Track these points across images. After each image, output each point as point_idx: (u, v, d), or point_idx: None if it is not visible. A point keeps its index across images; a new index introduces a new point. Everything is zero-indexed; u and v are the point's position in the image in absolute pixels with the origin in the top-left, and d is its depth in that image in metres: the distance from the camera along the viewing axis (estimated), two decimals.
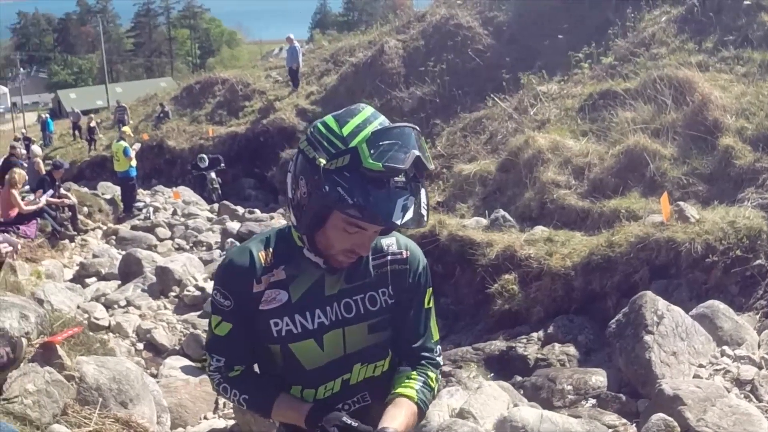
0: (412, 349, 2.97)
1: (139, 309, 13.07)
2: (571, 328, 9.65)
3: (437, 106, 23.58)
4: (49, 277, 14.03)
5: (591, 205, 12.21)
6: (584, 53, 18.92)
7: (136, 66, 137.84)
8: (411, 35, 28.95)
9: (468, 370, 9.18)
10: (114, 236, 19.45)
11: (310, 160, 2.51)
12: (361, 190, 2.37)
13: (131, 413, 6.13)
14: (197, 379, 9.96)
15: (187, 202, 24.74)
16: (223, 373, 2.94)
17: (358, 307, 2.83)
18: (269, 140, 28.41)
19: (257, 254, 2.82)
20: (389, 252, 2.90)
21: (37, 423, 5.20)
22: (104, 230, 20.47)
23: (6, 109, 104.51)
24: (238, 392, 2.91)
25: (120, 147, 22.63)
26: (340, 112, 2.56)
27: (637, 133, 13.18)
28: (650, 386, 7.32)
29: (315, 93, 30.35)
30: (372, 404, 2.95)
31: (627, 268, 9.72)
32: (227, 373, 2.94)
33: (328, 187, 2.40)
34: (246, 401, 2.91)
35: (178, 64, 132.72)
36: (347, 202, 2.38)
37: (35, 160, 21.25)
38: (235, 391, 2.91)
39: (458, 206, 14.89)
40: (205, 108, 35.01)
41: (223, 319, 2.87)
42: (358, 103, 2.64)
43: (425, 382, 2.91)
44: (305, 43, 47.59)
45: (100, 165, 33.59)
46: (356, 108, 2.56)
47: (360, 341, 2.87)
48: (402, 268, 2.91)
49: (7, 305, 6.46)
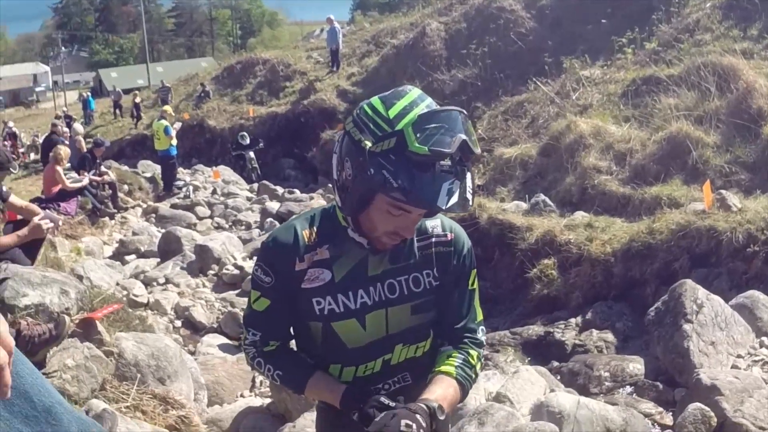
0: (455, 330, 2.96)
1: (178, 287, 13.17)
2: (610, 315, 9.62)
3: (479, 89, 23.49)
4: (88, 254, 14.16)
5: (632, 192, 12.14)
6: (627, 38, 18.76)
7: (177, 46, 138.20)
8: (453, 17, 28.83)
9: (505, 355, 9.19)
10: (154, 214, 19.61)
11: (355, 142, 2.51)
12: (407, 173, 2.36)
13: (169, 390, 6.16)
14: (234, 357, 10.04)
15: (226, 181, 24.83)
16: (258, 348, 2.96)
17: (401, 288, 2.83)
18: (309, 121, 28.40)
19: (301, 232, 2.83)
20: (434, 234, 2.89)
21: (75, 398, 5.24)
22: (144, 208, 20.64)
23: (47, 87, 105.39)
24: (273, 367, 2.92)
25: (161, 126, 22.75)
26: (386, 94, 2.55)
27: (679, 119, 13.09)
28: (688, 375, 7.29)
29: (356, 74, 30.30)
30: (412, 385, 2.94)
31: (667, 256, 9.66)
32: (262, 347, 2.96)
33: (373, 170, 2.40)
34: (280, 377, 2.93)
35: (219, 44, 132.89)
36: (392, 186, 2.37)
37: (77, 138, 21.46)
38: (269, 366, 2.93)
39: (498, 190, 14.86)
40: (245, 88, 35.03)
41: (262, 294, 2.88)
42: (405, 85, 2.63)
43: (465, 359, 2.89)
44: (346, 24, 47.48)
45: (140, 143, 33.75)
46: (403, 90, 2.54)
47: (402, 322, 2.87)
48: (447, 250, 2.90)
49: (48, 281, 6.53)
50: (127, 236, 16.92)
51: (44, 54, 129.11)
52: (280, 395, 8.02)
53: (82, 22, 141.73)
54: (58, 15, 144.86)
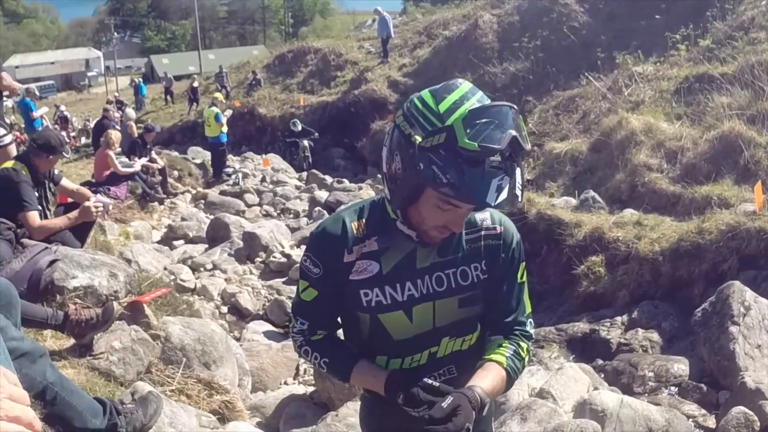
0: (505, 324, 2.94)
1: (225, 273, 13.27)
2: (656, 315, 9.56)
3: (530, 82, 23.41)
4: (137, 238, 14.34)
5: (682, 190, 12.04)
6: (681, 35, 18.58)
7: (229, 33, 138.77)
8: (506, 10, 28.76)
9: (550, 351, 9.16)
10: (203, 200, 19.77)
11: (405, 136, 2.49)
12: (456, 169, 2.34)
13: (214, 374, 6.21)
14: (279, 344, 10.10)
15: (276, 169, 24.95)
16: (306, 336, 2.98)
17: (449, 281, 2.81)
18: (360, 111, 28.43)
19: (350, 224, 2.83)
20: (483, 227, 2.88)
21: (121, 379, 5.30)
22: (193, 194, 20.80)
23: (99, 72, 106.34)
24: (319, 355, 2.94)
25: (212, 113, 22.91)
26: (437, 87, 2.53)
27: (732, 118, 12.95)
28: (732, 378, 7.24)
29: (407, 65, 30.28)
30: (458, 377, 2.91)
31: (716, 257, 9.58)
32: (310, 336, 2.98)
33: (423, 165, 2.39)
34: (326, 364, 2.94)
35: (271, 33, 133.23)
36: (441, 181, 2.35)
37: (129, 123, 21.64)
38: (316, 354, 2.94)
39: (548, 185, 14.80)
40: (297, 77, 35.12)
41: (310, 285, 2.89)
42: (456, 79, 2.60)
43: (516, 351, 2.87)
44: (398, 15, 47.41)
45: (191, 130, 33.90)
46: (454, 84, 2.52)
47: (449, 315, 2.85)
48: (496, 243, 2.88)
49: (97, 263, 6.60)
50: (176, 222, 17.07)
51: (97, 39, 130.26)
52: (323, 384, 8.06)
53: (135, 8, 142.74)
54: (111, 0, 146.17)
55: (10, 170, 6.93)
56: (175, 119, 36.95)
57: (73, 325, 5.23)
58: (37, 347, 3.85)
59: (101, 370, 5.29)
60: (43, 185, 7.42)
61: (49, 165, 7.49)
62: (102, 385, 5.11)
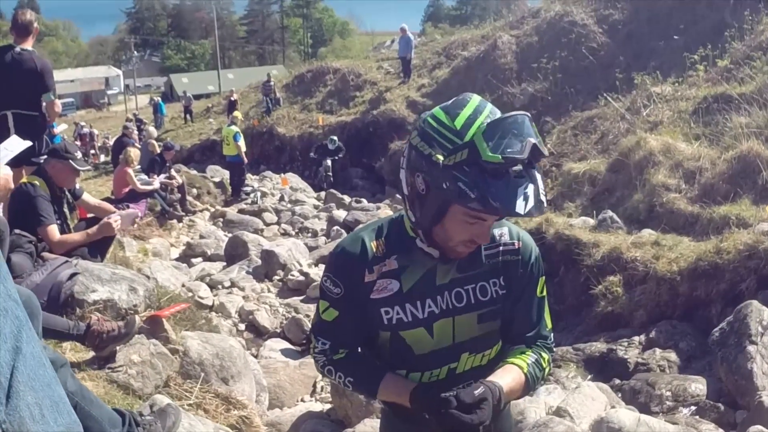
0: (527, 338, 2.94)
1: (243, 290, 13.30)
2: (673, 334, 9.54)
3: (549, 103, 23.43)
4: (155, 255, 14.39)
5: (700, 210, 12.01)
6: (700, 55, 18.54)
7: (248, 53, 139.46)
8: (524, 31, 28.82)
9: (567, 370, 9.16)
10: (221, 218, 19.87)
11: (425, 156, 2.48)
12: (482, 183, 2.35)
13: (231, 390, 6.22)
14: (297, 362, 10.13)
15: (294, 188, 25.05)
16: (329, 356, 2.95)
17: (468, 296, 2.81)
18: (378, 131, 28.51)
19: (370, 244, 2.83)
20: (502, 242, 2.87)
21: (139, 393, 5.32)
22: (212, 212, 20.92)
23: (119, 91, 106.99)
24: (344, 374, 2.92)
25: (231, 132, 23.07)
26: (448, 104, 2.55)
27: (750, 138, 12.92)
28: (750, 397, 7.22)
29: (426, 85, 30.35)
30: None
31: (734, 276, 9.55)
32: (332, 355, 2.94)
33: (448, 183, 2.39)
34: (352, 383, 2.92)
35: (290, 53, 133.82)
36: (469, 197, 2.36)
37: (150, 141, 21.77)
38: (341, 374, 2.92)
39: (566, 205, 14.80)
40: (315, 96, 35.25)
41: (330, 305, 2.88)
42: (464, 93, 2.63)
43: (537, 360, 2.87)
44: (417, 36, 47.55)
45: (209, 148, 34.12)
46: (464, 99, 2.55)
47: (469, 331, 2.85)
48: (514, 258, 2.88)
49: (117, 278, 6.64)
50: (194, 239, 17.15)
51: (117, 58, 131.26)
52: (341, 401, 8.08)
53: (155, 27, 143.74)
54: (131, 19, 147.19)
55: (27, 185, 6.99)
56: (194, 138, 37.12)
57: (94, 336, 5.26)
58: (58, 357, 3.89)
59: (120, 383, 5.32)
60: (61, 199, 7.47)
61: (68, 177, 7.52)
62: (120, 397, 5.14)
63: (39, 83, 8.43)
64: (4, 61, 8.33)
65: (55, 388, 1.56)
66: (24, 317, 1.52)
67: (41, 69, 8.44)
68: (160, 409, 4.73)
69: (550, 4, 29.77)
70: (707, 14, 21.81)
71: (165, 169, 18.89)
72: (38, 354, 1.53)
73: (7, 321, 1.46)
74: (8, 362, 1.42)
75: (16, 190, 6.79)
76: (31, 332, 1.54)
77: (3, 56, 8.39)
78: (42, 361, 1.54)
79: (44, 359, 1.56)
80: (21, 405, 1.41)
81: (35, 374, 1.48)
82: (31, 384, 1.46)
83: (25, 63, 8.35)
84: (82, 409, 3.85)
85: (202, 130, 38.62)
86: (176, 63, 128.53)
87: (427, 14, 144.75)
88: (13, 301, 1.50)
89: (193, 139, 36.96)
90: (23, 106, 8.40)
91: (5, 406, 1.39)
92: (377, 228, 2.91)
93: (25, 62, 8.35)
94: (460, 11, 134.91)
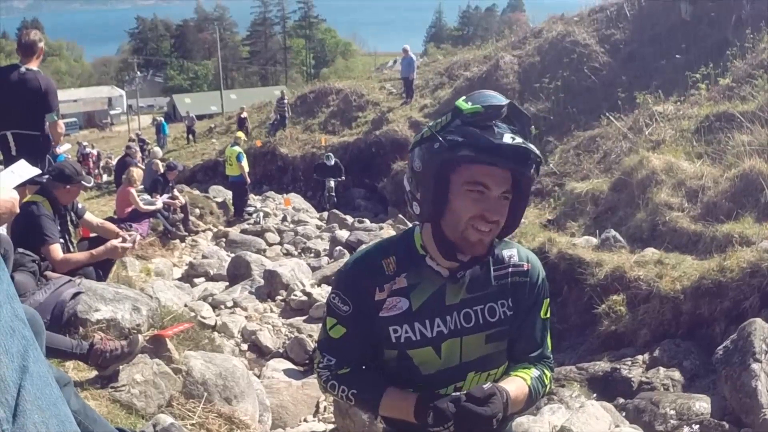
0: (530, 358, 2.96)
1: (246, 310, 13.26)
2: (677, 353, 9.52)
3: (551, 123, 23.46)
4: (158, 275, 14.40)
5: (703, 229, 12.00)
6: (701, 74, 18.58)
7: (251, 74, 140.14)
8: (527, 51, 28.93)
9: (571, 389, 9.13)
10: (224, 238, 19.85)
11: (418, 139, 2.64)
12: (469, 132, 2.45)
13: (235, 409, 6.21)
14: (299, 382, 10.11)
15: (297, 209, 25.08)
16: (333, 371, 2.94)
17: (477, 317, 2.81)
18: (381, 151, 28.57)
19: (381, 261, 2.82)
20: (511, 263, 2.88)
21: (142, 412, 5.33)
22: (215, 232, 20.91)
23: (122, 111, 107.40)
24: (347, 388, 2.90)
25: (234, 152, 23.11)
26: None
27: (753, 156, 12.92)
28: (754, 416, 7.20)
29: (428, 106, 30.43)
30: None
31: (737, 295, 9.53)
32: (337, 370, 2.94)
33: (438, 144, 2.49)
34: (354, 396, 2.89)
35: (293, 73, 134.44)
36: (458, 143, 2.44)
37: (155, 161, 21.84)
38: (344, 387, 2.91)
39: (569, 224, 14.81)
40: (318, 117, 35.39)
41: (338, 322, 2.87)
42: None
43: (540, 376, 2.89)
44: (419, 56, 47.74)
45: (212, 169, 34.24)
46: None
47: (476, 351, 2.84)
48: (523, 280, 2.88)
49: (120, 297, 6.66)
50: (197, 259, 17.14)
51: (120, 78, 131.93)
52: (344, 421, 8.07)
53: (158, 47, 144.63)
54: (134, 40, 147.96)
55: (31, 204, 7.02)
56: (197, 158, 37.23)
57: (97, 356, 5.27)
58: (62, 375, 3.89)
59: (122, 402, 5.33)
60: (65, 218, 7.49)
61: (70, 196, 7.55)
62: (123, 417, 5.14)
63: (43, 103, 8.47)
64: (9, 81, 8.38)
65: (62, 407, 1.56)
66: (30, 337, 1.52)
67: (45, 89, 8.49)
68: (163, 428, 4.73)
69: (552, 24, 29.88)
70: (709, 33, 21.86)
71: (168, 189, 18.94)
72: (45, 373, 1.53)
73: (14, 341, 1.46)
74: (15, 381, 1.43)
75: (20, 208, 6.81)
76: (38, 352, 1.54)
77: (8, 75, 8.45)
78: (48, 380, 1.54)
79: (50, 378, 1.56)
80: (28, 424, 1.41)
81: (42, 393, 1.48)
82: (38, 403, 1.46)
83: (29, 82, 8.40)
84: (86, 428, 3.85)
85: (204, 150, 38.77)
86: (179, 83, 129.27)
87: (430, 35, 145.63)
88: (20, 320, 1.50)
89: (195, 159, 37.09)
90: (25, 126, 8.44)
91: (12, 425, 1.39)
92: (387, 245, 2.91)
93: (29, 81, 8.40)
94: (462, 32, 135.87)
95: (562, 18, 31.13)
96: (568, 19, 30.12)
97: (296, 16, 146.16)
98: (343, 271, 2.93)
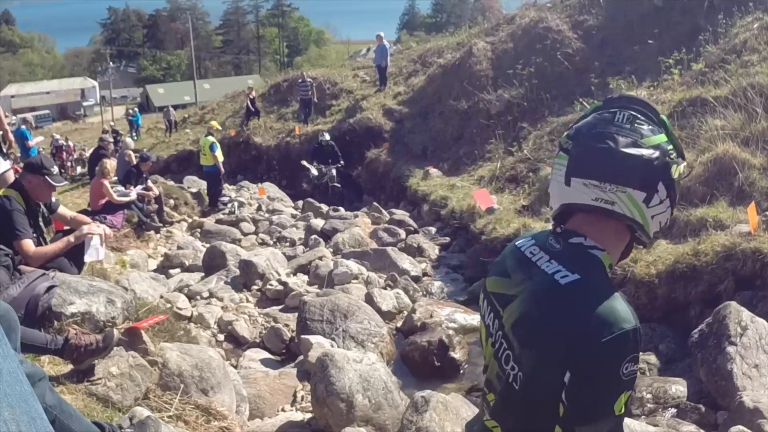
0: None
1: (222, 301, 13.21)
2: (653, 337, 9.56)
3: (525, 109, 23.45)
4: (133, 267, 14.33)
5: (677, 213, 12.04)
6: (674, 59, 18.63)
7: (224, 63, 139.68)
8: (500, 37, 28.85)
9: None
10: (199, 229, 19.77)
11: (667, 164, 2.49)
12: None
13: (211, 400, 6.19)
14: (276, 371, 10.06)
15: (272, 198, 25.01)
16: None
17: None
18: (355, 139, 28.47)
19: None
20: None
21: (119, 405, 5.31)
22: (189, 223, 20.81)
23: (95, 102, 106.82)
24: None
25: (207, 142, 22.97)
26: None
27: (726, 141, 12.97)
28: (730, 398, 7.24)
29: (402, 93, 30.34)
30: None
31: (712, 278, 9.59)
32: None
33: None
34: None
35: (266, 62, 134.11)
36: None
37: (127, 152, 21.71)
38: None
39: (544, 210, 14.83)
40: (292, 106, 35.24)
41: (630, 390, 2.27)
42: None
43: None
44: (393, 44, 47.70)
45: (186, 159, 34.08)
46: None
47: None
48: None
49: (95, 290, 6.63)
50: (172, 250, 17.06)
51: (92, 69, 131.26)
52: (321, 410, 8.03)
53: (131, 38, 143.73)
54: (106, 30, 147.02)
55: (2, 198, 6.96)
56: (171, 148, 37.06)
57: (72, 350, 5.24)
58: (37, 370, 3.86)
59: (99, 396, 5.30)
60: (37, 212, 7.43)
61: (45, 191, 7.49)
62: (100, 410, 5.12)
63: None
64: None
65: (32, 403, 1.55)
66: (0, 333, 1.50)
67: None
68: (140, 421, 4.71)
69: (525, 11, 29.88)
70: (681, 19, 21.91)
71: (142, 180, 18.82)
72: (15, 370, 1.51)
73: None
74: None
75: None
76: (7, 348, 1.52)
77: None
78: (18, 377, 1.52)
79: (21, 375, 1.54)
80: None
81: (12, 390, 1.47)
82: (7, 400, 1.44)
83: None
84: (62, 423, 3.83)
85: (178, 141, 38.53)
86: (152, 74, 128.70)
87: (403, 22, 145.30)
88: None
89: (169, 150, 36.89)
90: None
91: None
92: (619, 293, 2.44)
93: None
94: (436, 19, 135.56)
95: (535, 4, 31.15)
96: (541, 5, 30.13)
97: (269, 5, 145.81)
98: (633, 331, 2.26)
